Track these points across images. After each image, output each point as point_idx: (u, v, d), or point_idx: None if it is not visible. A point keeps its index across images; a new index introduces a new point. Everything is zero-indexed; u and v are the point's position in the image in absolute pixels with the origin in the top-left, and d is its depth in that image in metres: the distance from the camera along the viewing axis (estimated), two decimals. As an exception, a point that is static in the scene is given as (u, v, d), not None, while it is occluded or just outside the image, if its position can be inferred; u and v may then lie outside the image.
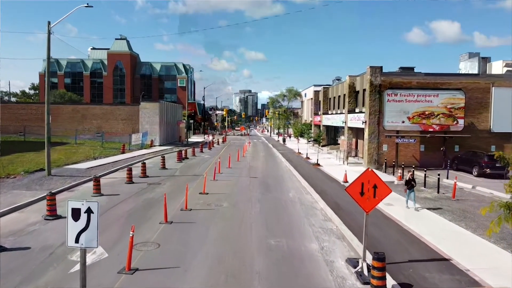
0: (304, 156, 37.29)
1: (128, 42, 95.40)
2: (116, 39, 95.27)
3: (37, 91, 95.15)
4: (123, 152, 37.59)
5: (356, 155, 33.26)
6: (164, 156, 28.29)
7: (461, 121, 27.28)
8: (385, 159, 26.51)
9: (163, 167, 27.47)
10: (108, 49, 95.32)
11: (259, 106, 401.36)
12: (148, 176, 23.77)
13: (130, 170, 21.88)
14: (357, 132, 33.90)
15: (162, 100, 69.73)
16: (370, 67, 27.55)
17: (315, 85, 76.19)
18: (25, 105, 53.53)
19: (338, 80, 75.91)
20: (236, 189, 20.29)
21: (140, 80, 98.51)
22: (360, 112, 30.92)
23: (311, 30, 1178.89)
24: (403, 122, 27.24)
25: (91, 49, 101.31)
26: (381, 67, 27.53)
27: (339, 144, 41.90)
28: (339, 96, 39.54)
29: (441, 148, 27.59)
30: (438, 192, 19.36)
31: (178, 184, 21.50)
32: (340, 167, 29.23)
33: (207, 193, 18.74)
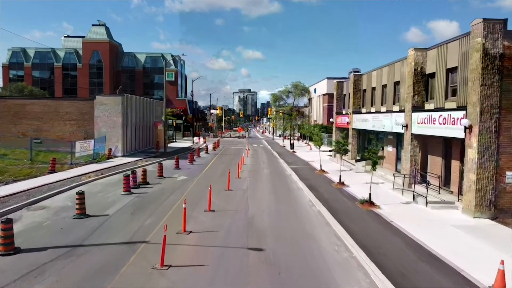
0: (334, 178, 23.96)
1: (107, 29, 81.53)
2: (93, 25, 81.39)
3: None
4: (52, 171, 24.19)
5: (424, 182, 19.72)
6: (82, 192, 14.61)
7: None
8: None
9: (81, 214, 14.10)
10: (84, 37, 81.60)
11: (258, 106, 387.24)
12: (19, 251, 10.44)
13: None
14: (424, 143, 20.55)
15: (148, 96, 56.36)
16: (484, 20, 14.15)
17: (328, 78, 62.82)
18: None
19: (357, 72, 62.23)
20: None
21: (122, 73, 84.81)
22: (440, 109, 17.60)
23: (309, 30, 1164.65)
24: (552, 128, 13.88)
25: (64, 37, 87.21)
26: (505, 20, 14.15)
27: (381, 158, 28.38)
28: (384, 86, 26.13)
29: None
30: None
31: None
32: (417, 211, 15.84)
33: None
